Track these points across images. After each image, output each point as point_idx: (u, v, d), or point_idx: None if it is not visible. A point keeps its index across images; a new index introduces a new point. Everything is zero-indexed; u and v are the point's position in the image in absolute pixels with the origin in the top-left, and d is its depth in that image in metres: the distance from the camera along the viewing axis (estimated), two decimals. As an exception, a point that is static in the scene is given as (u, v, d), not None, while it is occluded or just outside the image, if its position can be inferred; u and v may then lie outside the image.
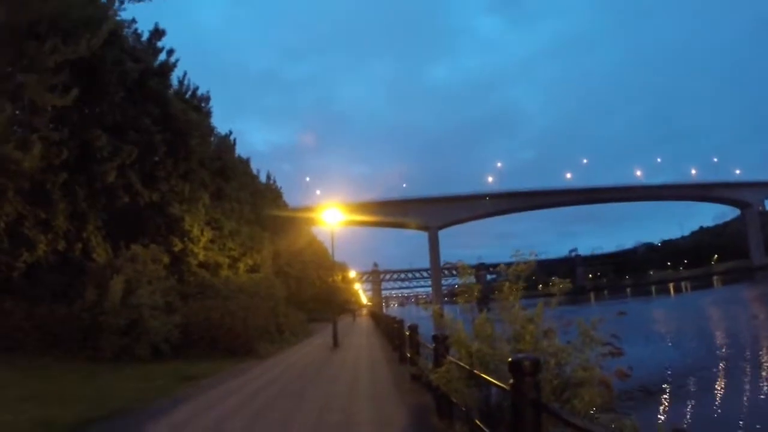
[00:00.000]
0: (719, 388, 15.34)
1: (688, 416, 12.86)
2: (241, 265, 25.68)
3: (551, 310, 5.39)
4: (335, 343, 21.02)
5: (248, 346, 16.51)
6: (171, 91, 22.09)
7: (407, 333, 12.10)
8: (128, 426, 7.40)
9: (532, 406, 3.45)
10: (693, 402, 14.22)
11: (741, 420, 12.16)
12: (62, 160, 15.41)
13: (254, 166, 38.07)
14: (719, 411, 13.32)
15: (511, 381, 3.62)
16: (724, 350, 22.12)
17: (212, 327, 16.06)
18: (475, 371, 5.12)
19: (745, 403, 13.90)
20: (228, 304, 17.37)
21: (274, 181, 44.09)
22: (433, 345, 7.15)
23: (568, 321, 5.25)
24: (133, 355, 14.38)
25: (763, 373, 17.02)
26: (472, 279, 6.74)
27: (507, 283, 5.64)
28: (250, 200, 30.78)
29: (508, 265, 5.99)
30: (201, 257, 21.08)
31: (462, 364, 5.51)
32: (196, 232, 20.44)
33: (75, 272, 16.58)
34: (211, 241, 22.51)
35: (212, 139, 26.74)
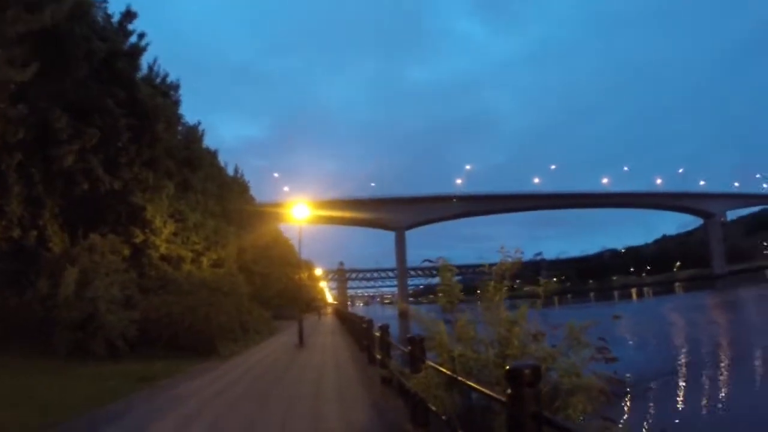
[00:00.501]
0: (685, 389, 15.71)
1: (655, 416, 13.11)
2: (205, 260, 24.77)
3: (534, 312, 5.02)
4: (301, 342, 20.36)
5: (210, 345, 15.73)
6: (139, 76, 21.12)
7: (377, 334, 11.54)
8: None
9: (533, 419, 2.94)
10: (664, 402, 14.52)
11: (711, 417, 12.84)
12: (18, 140, 14.46)
13: (224, 160, 37.39)
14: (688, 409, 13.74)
15: (509, 391, 3.09)
16: (686, 353, 22.38)
17: (172, 324, 15.26)
18: (460, 378, 4.62)
19: (712, 400, 14.31)
20: (189, 299, 16.55)
21: (242, 175, 43.17)
22: (409, 348, 6.57)
23: (554, 325, 4.82)
24: (88, 352, 13.48)
25: (725, 374, 17.51)
26: (454, 278, 6.18)
27: (492, 283, 5.13)
28: (217, 193, 29.89)
29: (491, 265, 5.51)
30: (163, 250, 20.16)
31: (443, 369, 5.00)
32: (158, 223, 19.52)
33: (29, 260, 15.60)
34: (174, 233, 21.59)
35: (180, 128, 25.86)
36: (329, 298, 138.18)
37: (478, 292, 5.41)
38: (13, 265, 15.39)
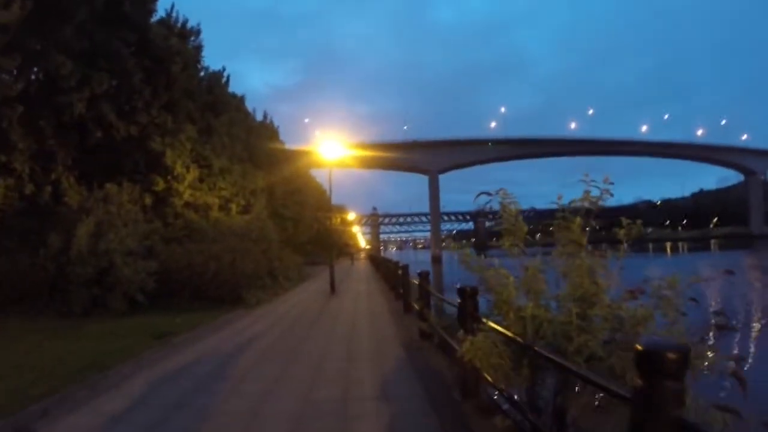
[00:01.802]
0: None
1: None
2: (234, 206, 23.96)
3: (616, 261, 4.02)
4: (332, 290, 19.64)
5: (236, 294, 14.98)
6: (154, 20, 19.96)
7: (415, 281, 10.55)
8: (63, 403, 5.88)
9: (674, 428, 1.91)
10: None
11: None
12: (21, 92, 13.59)
13: (253, 108, 36.53)
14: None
15: (639, 383, 2.01)
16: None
17: (195, 274, 14.48)
18: (537, 349, 3.62)
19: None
20: (214, 248, 15.76)
21: (271, 121, 42.09)
22: (459, 302, 5.51)
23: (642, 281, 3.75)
24: (106, 309, 12.84)
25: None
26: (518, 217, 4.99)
27: (577, 219, 4.12)
28: (243, 137, 28.94)
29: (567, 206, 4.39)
30: (187, 197, 19.36)
31: (508, 333, 4.00)
32: (179, 169, 18.66)
33: (44, 217, 14.93)
34: (200, 180, 20.77)
35: (202, 74, 24.84)
36: (362, 243, 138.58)
37: (538, 236, 4.26)
38: (28, 223, 14.73)
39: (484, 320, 4.50)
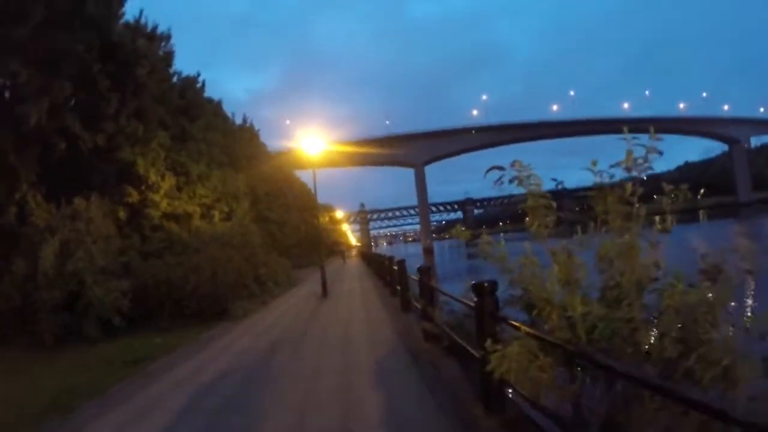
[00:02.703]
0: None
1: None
2: (216, 213, 22.97)
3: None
4: (324, 292, 18.77)
5: (220, 307, 14.04)
6: (120, 25, 18.91)
7: (415, 277, 9.63)
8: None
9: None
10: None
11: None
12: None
13: (232, 113, 35.65)
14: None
15: None
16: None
17: (174, 289, 13.50)
18: (600, 360, 2.86)
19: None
20: (193, 258, 14.81)
21: (251, 124, 41.05)
22: (475, 300, 4.67)
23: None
24: (81, 336, 11.81)
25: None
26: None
27: (629, 185, 3.56)
28: (222, 141, 27.94)
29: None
30: (164, 207, 18.37)
31: (554, 339, 3.29)
32: (154, 177, 17.65)
33: (9, 241, 13.90)
34: (178, 188, 19.81)
35: (175, 79, 23.85)
36: (353, 240, 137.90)
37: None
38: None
39: (518, 325, 3.68)
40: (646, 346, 3.05)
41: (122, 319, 12.39)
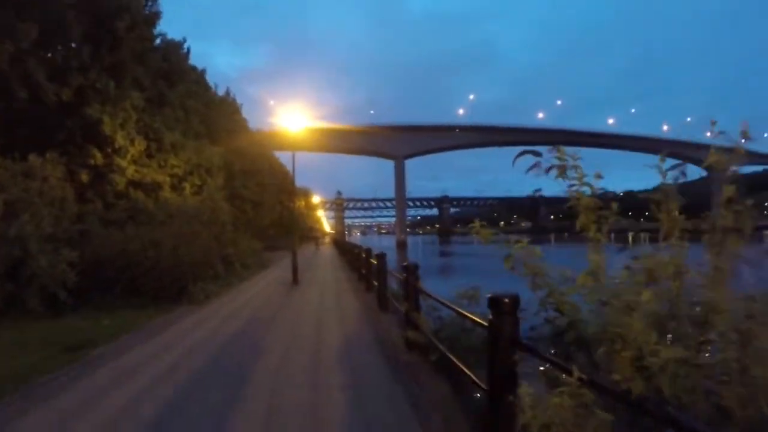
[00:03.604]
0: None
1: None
2: (187, 186, 21.66)
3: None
4: (295, 279, 17.64)
5: (180, 287, 12.73)
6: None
7: (400, 276, 8.27)
8: None
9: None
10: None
11: None
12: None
13: (215, 83, 34.42)
14: None
15: None
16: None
17: (130, 263, 12.19)
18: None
19: None
20: (156, 232, 13.53)
21: (234, 98, 39.51)
22: (490, 318, 3.58)
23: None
24: (24, 309, 10.52)
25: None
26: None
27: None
28: (201, 111, 26.57)
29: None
30: (130, 173, 17.03)
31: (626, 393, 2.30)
32: (122, 140, 16.29)
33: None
34: (148, 155, 18.46)
35: (158, 41, 22.47)
36: (327, 227, 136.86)
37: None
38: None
39: (571, 369, 2.65)
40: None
41: (69, 294, 11.06)
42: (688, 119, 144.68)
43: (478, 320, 4.06)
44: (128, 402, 5.41)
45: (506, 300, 3.41)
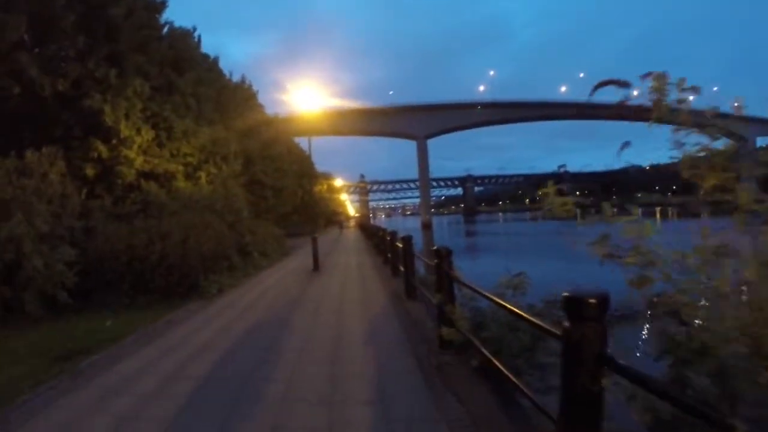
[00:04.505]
0: None
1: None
2: (203, 174, 20.88)
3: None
4: (315, 267, 16.82)
5: (190, 282, 11.92)
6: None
7: (432, 262, 6.72)
8: None
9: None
10: None
11: None
12: None
13: (230, 71, 33.65)
14: None
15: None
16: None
17: (136, 258, 11.38)
18: None
19: None
20: (162, 223, 12.70)
21: (250, 84, 38.66)
22: (567, 327, 2.56)
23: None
24: (24, 314, 9.75)
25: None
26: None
27: None
28: (215, 98, 25.75)
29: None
30: (139, 164, 16.26)
31: None
32: (127, 130, 15.51)
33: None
34: (159, 144, 17.68)
35: (165, 30, 21.66)
36: (351, 211, 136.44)
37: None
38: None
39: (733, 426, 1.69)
40: None
41: (71, 295, 10.28)
42: (715, 89, 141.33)
43: (547, 327, 3.04)
44: (117, 419, 4.60)
45: (592, 301, 2.43)
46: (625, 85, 2.67)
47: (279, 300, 11.20)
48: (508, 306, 3.82)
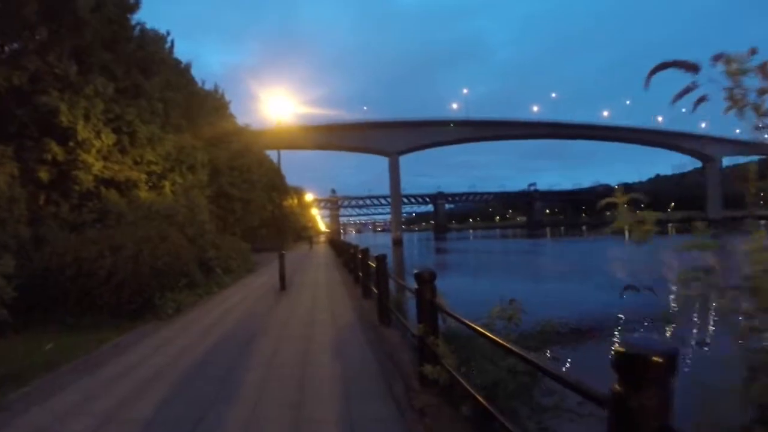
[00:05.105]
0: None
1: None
2: (167, 184, 19.85)
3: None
4: (282, 286, 15.90)
5: (144, 299, 10.81)
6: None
7: (412, 288, 5.71)
8: None
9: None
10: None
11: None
12: None
13: (202, 80, 33.24)
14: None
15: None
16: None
17: (82, 272, 10.25)
18: None
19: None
20: (114, 235, 11.61)
21: (223, 94, 37.70)
22: (620, 390, 1.74)
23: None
24: None
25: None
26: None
27: None
28: (183, 104, 24.77)
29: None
30: (97, 170, 15.19)
31: None
32: (84, 132, 14.45)
33: None
34: (121, 150, 16.64)
35: (137, 31, 20.71)
36: (321, 226, 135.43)
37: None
38: None
39: None
40: None
41: (10, 312, 9.17)
42: (683, 110, 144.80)
43: (590, 391, 2.23)
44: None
45: (657, 360, 1.67)
46: (692, 68, 1.95)
47: (241, 323, 10.23)
48: (524, 354, 3.05)
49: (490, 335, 3.59)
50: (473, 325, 4.02)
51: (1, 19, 13.02)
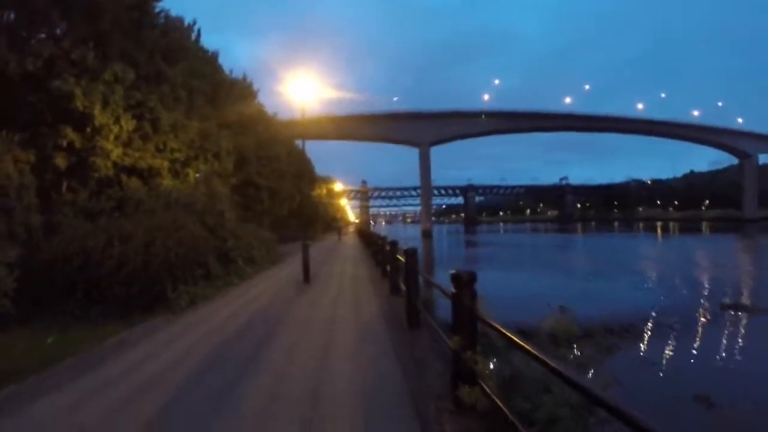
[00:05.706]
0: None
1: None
2: (191, 172, 19.40)
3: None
4: (306, 278, 15.32)
5: (155, 292, 10.26)
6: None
7: (452, 294, 4.51)
8: None
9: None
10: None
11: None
12: None
13: (230, 69, 33.02)
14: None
15: None
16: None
17: (90, 264, 9.71)
18: None
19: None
20: (127, 223, 11.07)
21: (251, 82, 37.22)
22: None
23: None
24: None
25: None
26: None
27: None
28: (209, 92, 24.37)
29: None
30: (116, 157, 14.76)
31: None
32: (102, 118, 13.99)
33: None
34: (143, 137, 16.18)
35: (162, 19, 20.34)
36: (351, 216, 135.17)
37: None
38: None
39: None
40: None
41: (14, 303, 8.70)
42: (720, 103, 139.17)
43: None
44: None
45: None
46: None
47: (257, 320, 9.59)
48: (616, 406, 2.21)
49: (566, 374, 2.71)
50: (542, 358, 3.00)
51: (13, 6, 12.62)
